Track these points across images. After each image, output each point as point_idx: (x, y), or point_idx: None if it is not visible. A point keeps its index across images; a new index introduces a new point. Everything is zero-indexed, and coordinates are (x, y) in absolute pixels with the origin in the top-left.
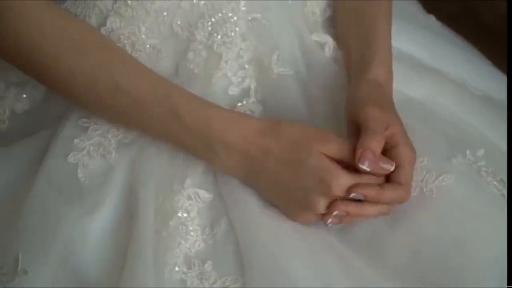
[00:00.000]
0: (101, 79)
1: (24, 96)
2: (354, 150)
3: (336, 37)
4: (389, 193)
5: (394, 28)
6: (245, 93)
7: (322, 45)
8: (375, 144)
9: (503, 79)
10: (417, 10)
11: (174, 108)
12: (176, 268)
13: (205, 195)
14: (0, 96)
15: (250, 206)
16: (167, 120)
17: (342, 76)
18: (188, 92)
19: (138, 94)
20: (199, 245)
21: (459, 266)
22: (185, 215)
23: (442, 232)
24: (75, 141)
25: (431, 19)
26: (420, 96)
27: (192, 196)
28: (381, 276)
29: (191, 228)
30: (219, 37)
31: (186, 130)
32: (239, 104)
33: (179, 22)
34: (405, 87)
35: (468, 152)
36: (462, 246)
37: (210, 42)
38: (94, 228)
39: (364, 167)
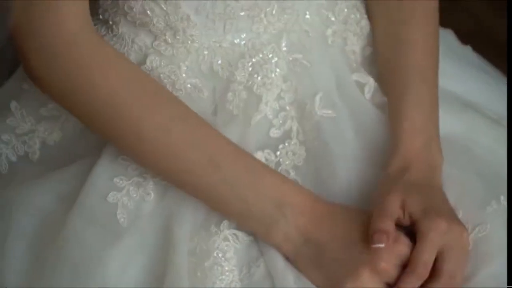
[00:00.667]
0: (176, 132)
1: (57, 127)
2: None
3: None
4: (403, 284)
5: None
6: (287, 135)
7: (362, 86)
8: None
9: None
10: (453, 40)
11: (250, 169)
12: None
13: (244, 236)
14: (30, 129)
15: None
16: (241, 178)
17: (381, 120)
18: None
19: (213, 153)
20: (235, 285)
21: None
22: (220, 255)
23: (480, 279)
24: (115, 180)
25: (468, 50)
26: (452, 132)
27: (230, 238)
28: None
29: (227, 268)
30: (259, 78)
31: (258, 188)
32: (281, 146)
33: (219, 62)
34: (442, 123)
35: (502, 197)
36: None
37: (250, 83)
38: (130, 268)
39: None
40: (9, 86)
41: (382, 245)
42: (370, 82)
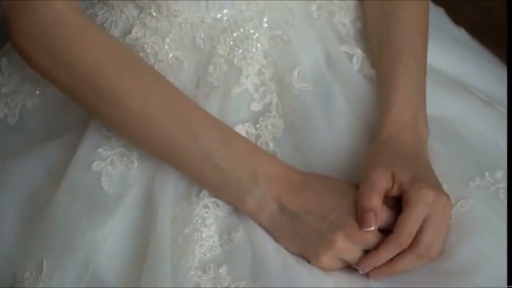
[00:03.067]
0: (154, 104)
1: (37, 92)
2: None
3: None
4: (384, 251)
5: None
6: (267, 109)
7: (350, 57)
8: (371, 204)
9: None
10: (446, 21)
11: (225, 139)
12: (191, 273)
13: (224, 205)
14: (14, 90)
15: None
16: (216, 148)
17: (369, 91)
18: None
19: (189, 124)
20: (215, 250)
21: None
22: (200, 221)
23: (458, 255)
24: (99, 150)
25: (461, 31)
26: (445, 112)
27: (210, 205)
28: None
29: (205, 234)
30: (240, 51)
31: (232, 158)
32: (261, 118)
33: (202, 36)
34: (432, 103)
35: (487, 174)
36: (477, 269)
37: (231, 56)
38: (114, 235)
39: (371, 229)
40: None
41: (372, 229)
42: (358, 53)
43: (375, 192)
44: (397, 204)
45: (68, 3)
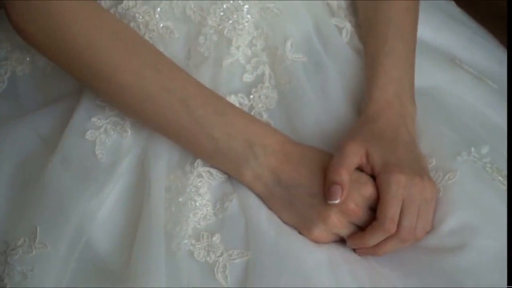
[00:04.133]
0: (149, 77)
1: (28, 59)
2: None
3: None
4: (370, 236)
5: None
6: (260, 80)
7: (340, 30)
8: (338, 177)
9: None
10: None
11: (220, 110)
12: (185, 241)
13: (218, 174)
14: (4, 57)
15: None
16: (211, 119)
17: (357, 64)
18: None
19: (184, 96)
20: (209, 219)
21: (462, 263)
22: (194, 190)
23: (447, 227)
24: (93, 119)
25: (451, 4)
26: (434, 85)
27: (204, 174)
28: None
29: (199, 203)
30: (230, 22)
31: (228, 129)
32: (254, 89)
33: (192, 6)
34: (421, 76)
35: (473, 149)
36: (467, 242)
37: (220, 27)
38: (108, 203)
39: (336, 202)
40: None
41: (337, 201)
42: (347, 27)
43: (344, 166)
44: None
45: None
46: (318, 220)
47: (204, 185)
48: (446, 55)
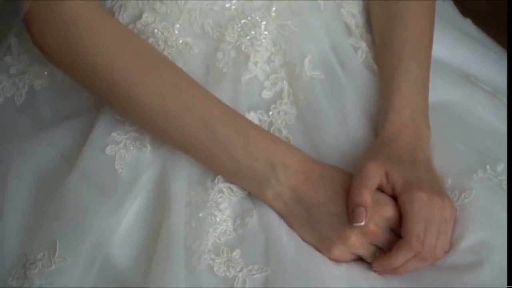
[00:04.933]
0: (169, 97)
1: (46, 73)
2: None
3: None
4: (396, 256)
5: None
6: (278, 96)
7: (356, 50)
8: (361, 199)
9: None
10: (453, 13)
11: (242, 130)
12: (205, 256)
13: (239, 190)
14: (22, 70)
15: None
16: (233, 139)
17: (373, 85)
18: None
19: (206, 116)
20: (229, 234)
21: (479, 280)
22: (214, 205)
23: (464, 245)
24: (112, 134)
25: (468, 22)
26: (449, 102)
27: (224, 190)
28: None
29: (219, 218)
30: (248, 38)
31: (250, 149)
32: (273, 106)
33: (210, 23)
34: (436, 92)
35: (488, 167)
36: (484, 259)
37: (238, 43)
38: (127, 218)
39: (361, 224)
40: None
41: (362, 224)
42: (362, 47)
43: (366, 187)
44: None
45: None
46: (338, 241)
47: (224, 201)
48: (460, 73)
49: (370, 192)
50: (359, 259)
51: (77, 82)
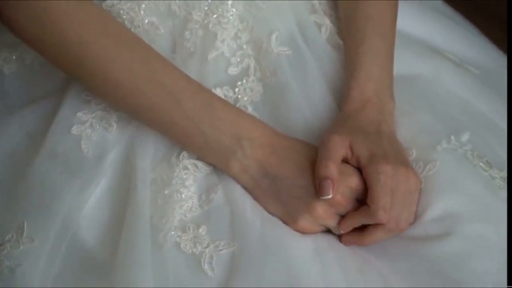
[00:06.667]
0: (138, 72)
1: (14, 57)
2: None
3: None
4: (368, 232)
5: None
6: (245, 73)
7: (319, 27)
8: (327, 172)
9: (501, 57)
10: None
11: (209, 104)
12: (171, 233)
13: (204, 166)
14: None
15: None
16: (200, 113)
17: (337, 60)
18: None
19: (174, 90)
20: (195, 211)
21: (447, 250)
22: (179, 182)
23: (430, 216)
24: (78, 114)
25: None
26: (416, 74)
27: (189, 167)
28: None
29: (185, 195)
30: (214, 16)
31: (217, 123)
32: (239, 83)
33: (177, 1)
34: (402, 64)
35: (452, 137)
36: (451, 229)
37: (206, 21)
38: (94, 197)
39: (329, 197)
40: None
41: (329, 197)
42: (326, 23)
43: (331, 160)
44: None
45: None
46: (304, 211)
47: (189, 177)
48: (428, 45)
49: (336, 164)
50: (327, 231)
51: (47, 59)
